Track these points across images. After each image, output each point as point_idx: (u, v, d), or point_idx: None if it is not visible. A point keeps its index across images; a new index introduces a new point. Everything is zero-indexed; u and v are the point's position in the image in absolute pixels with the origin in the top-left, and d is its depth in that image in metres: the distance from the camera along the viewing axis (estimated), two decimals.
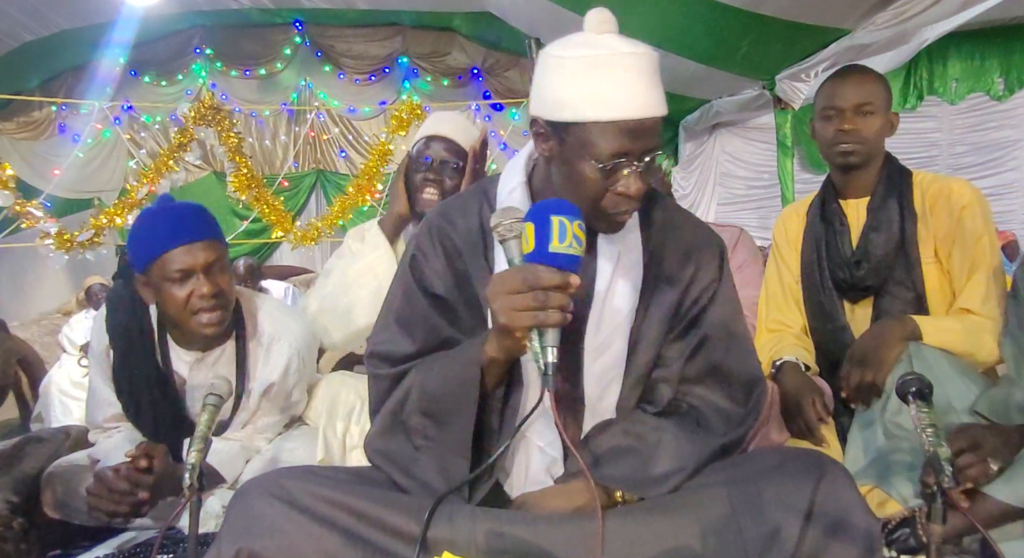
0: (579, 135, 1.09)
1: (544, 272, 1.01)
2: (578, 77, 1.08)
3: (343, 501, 1.07)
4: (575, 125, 1.09)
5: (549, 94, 1.11)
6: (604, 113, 1.07)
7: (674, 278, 1.22)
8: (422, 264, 1.24)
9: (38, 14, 5.81)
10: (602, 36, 1.10)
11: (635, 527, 1.06)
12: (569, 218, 1.03)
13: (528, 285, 1.01)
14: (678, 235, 1.25)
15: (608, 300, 1.18)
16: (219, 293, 1.71)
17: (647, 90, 1.08)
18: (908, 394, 1.21)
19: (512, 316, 1.01)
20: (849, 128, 1.79)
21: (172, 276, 1.68)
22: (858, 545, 1.00)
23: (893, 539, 1.48)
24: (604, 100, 1.07)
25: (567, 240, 1.02)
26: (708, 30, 4.83)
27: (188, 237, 1.69)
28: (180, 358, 1.82)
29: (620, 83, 1.07)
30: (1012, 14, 5.41)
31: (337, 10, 6.79)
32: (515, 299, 1.01)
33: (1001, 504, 1.39)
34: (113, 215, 6.25)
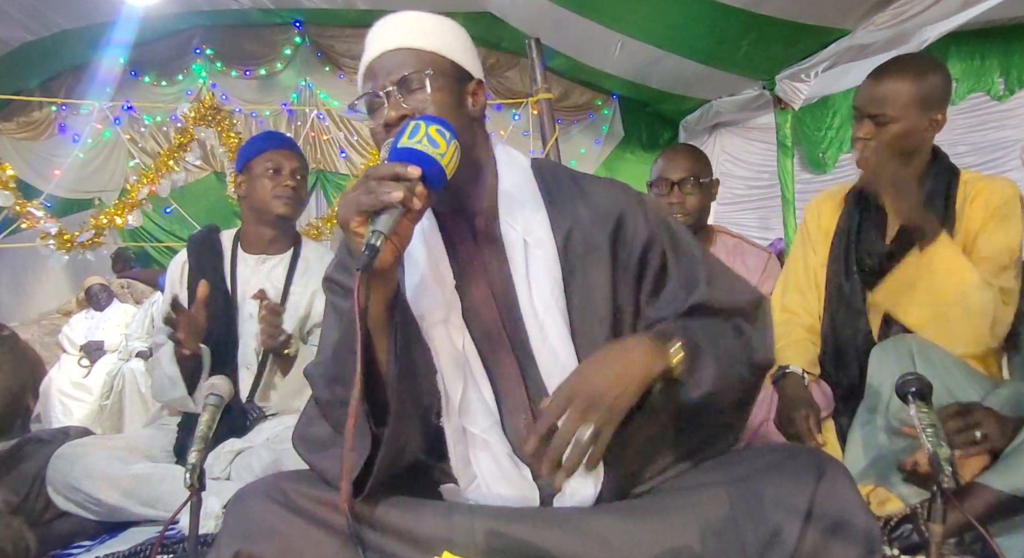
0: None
1: (382, 166, 1.02)
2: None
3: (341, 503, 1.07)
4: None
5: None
6: (359, 75, 1.22)
7: (598, 247, 1.20)
8: (339, 279, 1.25)
9: (38, 14, 5.80)
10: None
11: (634, 527, 1.06)
12: (427, 122, 1.05)
13: (362, 178, 1.02)
14: (589, 202, 1.23)
15: (532, 286, 1.17)
16: (297, 189, 2.24)
17: (385, 36, 1.19)
18: (908, 394, 1.21)
19: (344, 207, 1.02)
20: (860, 135, 1.81)
21: (265, 172, 2.21)
22: (858, 545, 1.00)
23: (895, 536, 1.48)
24: (361, 63, 1.22)
25: (417, 137, 1.03)
26: (708, 30, 4.84)
27: (284, 145, 2.29)
28: (245, 263, 2.28)
29: (366, 43, 1.21)
30: (1012, 14, 5.40)
31: (337, 10, 6.78)
32: (350, 193, 1.02)
33: (1001, 494, 1.39)
34: (113, 215, 6.24)
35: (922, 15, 3.96)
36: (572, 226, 1.21)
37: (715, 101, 6.19)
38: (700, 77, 5.70)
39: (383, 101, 1.16)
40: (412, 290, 1.18)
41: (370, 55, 1.21)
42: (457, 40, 1.24)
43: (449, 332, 1.17)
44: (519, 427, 1.18)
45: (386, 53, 1.18)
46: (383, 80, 1.17)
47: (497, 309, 1.21)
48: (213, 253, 2.27)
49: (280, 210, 2.23)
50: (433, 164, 1.02)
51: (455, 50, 1.21)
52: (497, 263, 1.21)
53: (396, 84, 1.16)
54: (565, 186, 1.25)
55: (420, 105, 1.15)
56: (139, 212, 6.38)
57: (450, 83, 1.18)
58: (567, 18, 5.17)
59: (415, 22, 1.21)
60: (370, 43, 1.22)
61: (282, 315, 2.10)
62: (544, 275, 1.17)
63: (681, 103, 6.67)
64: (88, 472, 1.89)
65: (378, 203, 0.98)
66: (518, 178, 1.24)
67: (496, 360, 1.20)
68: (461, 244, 1.23)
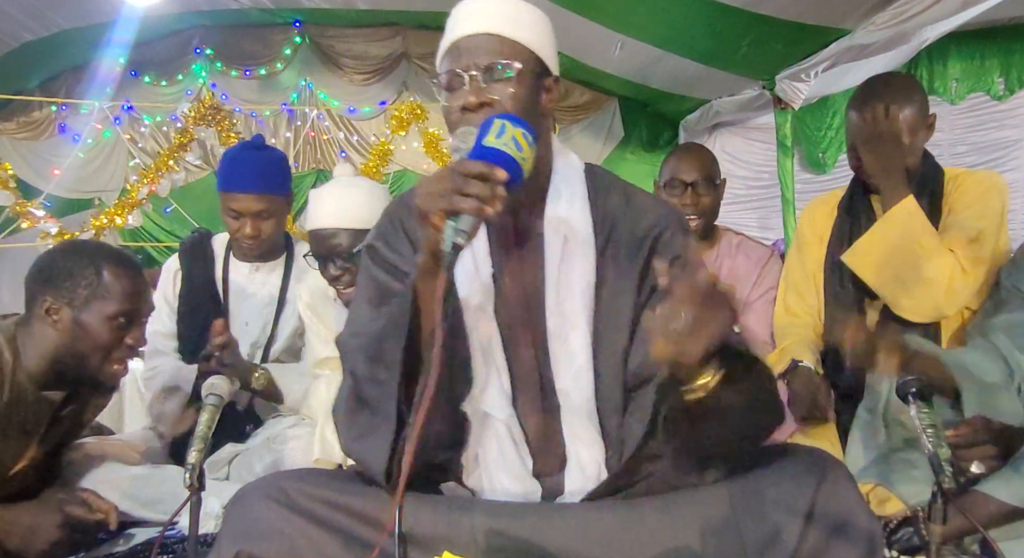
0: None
1: (469, 163, 1.01)
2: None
3: (342, 503, 1.07)
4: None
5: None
6: (442, 45, 1.20)
7: (633, 259, 1.20)
8: (381, 250, 1.25)
9: (38, 14, 5.80)
10: None
11: (635, 527, 1.06)
12: (513, 123, 1.05)
13: (449, 170, 1.02)
14: (635, 215, 1.24)
15: (561, 285, 1.17)
16: (257, 236, 2.13)
17: (479, 15, 1.17)
18: (908, 394, 1.21)
19: (426, 197, 1.01)
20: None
21: (228, 212, 2.12)
22: (859, 546, 1.00)
23: (895, 539, 1.48)
24: (445, 35, 1.21)
25: (503, 138, 1.03)
26: (708, 30, 4.83)
27: (250, 187, 2.09)
28: (238, 270, 2.25)
29: (454, 18, 1.20)
30: (1012, 14, 5.40)
31: (337, 10, 6.78)
32: (433, 183, 1.02)
33: (1002, 504, 1.40)
34: (113, 215, 6.24)
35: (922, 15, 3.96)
36: (613, 233, 1.22)
37: (715, 101, 6.18)
38: (700, 77, 5.69)
39: (464, 82, 1.16)
40: (455, 276, 1.17)
41: (459, 32, 1.19)
42: (545, 34, 1.23)
43: (480, 321, 1.18)
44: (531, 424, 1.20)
45: (477, 35, 1.17)
46: (468, 61, 1.16)
47: (526, 303, 1.22)
48: (205, 260, 2.24)
49: (240, 253, 2.21)
50: (515, 168, 1.03)
51: (542, 45, 1.21)
52: (532, 258, 1.22)
53: (482, 69, 1.15)
54: (614, 194, 1.26)
55: (501, 95, 1.15)
56: (139, 212, 6.38)
57: (532, 78, 1.18)
58: (567, 18, 5.16)
59: (510, 9, 1.20)
60: (460, 19, 1.20)
61: (236, 348, 2.00)
62: (577, 277, 1.18)
63: (681, 103, 6.66)
64: (88, 475, 1.88)
65: (466, 208, 0.98)
66: (570, 178, 1.25)
67: (516, 354, 1.21)
68: (502, 235, 1.24)
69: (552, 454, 1.20)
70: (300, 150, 7.32)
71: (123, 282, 1.62)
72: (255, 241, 2.14)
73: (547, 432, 1.21)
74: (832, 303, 1.93)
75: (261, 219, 2.12)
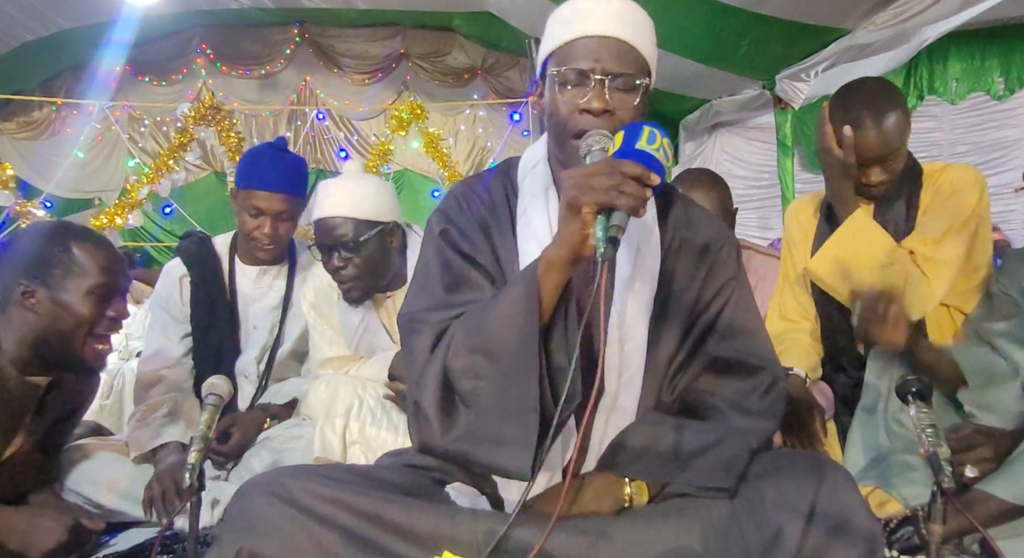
0: (551, 66, 1.17)
1: (630, 163, 1.00)
2: (556, 20, 1.19)
3: (344, 500, 1.07)
4: (549, 59, 1.18)
5: (541, 48, 1.21)
6: (565, 34, 1.16)
7: (691, 273, 1.22)
8: (455, 236, 1.23)
9: (38, 14, 5.80)
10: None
11: (637, 528, 1.06)
12: (661, 133, 1.05)
13: (607, 167, 1.00)
14: (695, 230, 1.25)
15: (628, 290, 1.18)
16: (275, 237, 2.12)
17: (609, 16, 1.14)
18: (908, 394, 1.21)
19: (583, 189, 0.99)
20: (878, 180, 1.77)
21: (249, 209, 2.10)
22: (859, 547, 1.00)
23: (895, 539, 1.48)
24: (568, 23, 1.16)
25: (655, 145, 1.03)
26: (708, 30, 4.83)
27: (276, 187, 2.09)
28: (244, 274, 2.21)
29: (582, 9, 1.16)
30: (1012, 14, 5.40)
31: (337, 10, 6.78)
32: (590, 177, 1.00)
33: (1002, 502, 1.40)
34: (113, 215, 6.25)
35: (922, 15, 3.96)
36: (675, 243, 1.23)
37: (715, 101, 6.19)
38: (700, 77, 5.69)
39: (588, 84, 1.14)
40: (529, 260, 1.15)
41: (591, 30, 1.15)
42: (655, 48, 1.23)
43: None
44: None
45: (614, 39, 1.14)
46: (596, 64, 1.14)
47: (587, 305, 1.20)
48: (212, 265, 2.21)
49: (256, 254, 2.17)
50: (663, 176, 1.03)
51: (654, 59, 1.21)
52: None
53: (611, 75, 1.14)
54: (676, 207, 1.27)
55: (624, 106, 1.14)
56: (139, 212, 6.39)
57: (646, 92, 1.19)
58: None
59: (635, 16, 1.19)
60: (586, 15, 1.17)
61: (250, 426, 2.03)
62: (645, 285, 1.19)
63: (681, 103, 6.66)
64: (86, 476, 1.89)
65: (623, 205, 0.97)
66: None
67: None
68: None
69: (584, 450, 1.20)
70: (300, 150, 7.33)
71: (96, 256, 1.61)
72: (272, 241, 2.12)
73: (585, 430, 1.18)
74: (824, 304, 1.93)
75: (281, 220, 2.12)
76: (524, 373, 1.05)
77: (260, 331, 2.19)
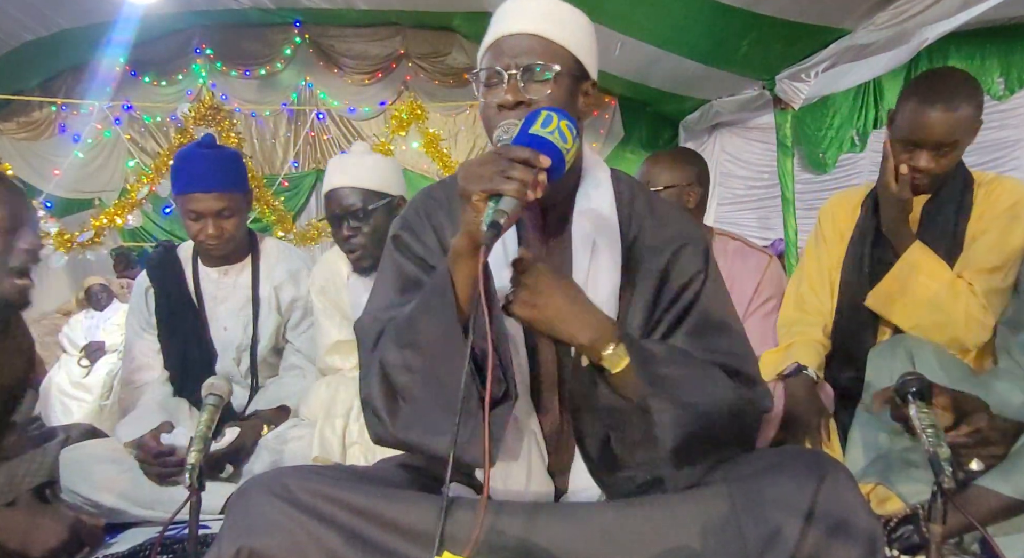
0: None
1: (515, 147, 1.03)
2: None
3: (344, 499, 1.07)
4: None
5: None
6: (486, 41, 1.22)
7: (653, 267, 1.23)
8: (407, 240, 1.26)
9: (38, 14, 5.80)
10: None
11: (635, 525, 1.06)
12: (560, 115, 1.06)
13: (494, 154, 1.03)
14: (658, 224, 1.26)
15: (589, 287, 1.18)
16: (221, 236, 2.06)
17: (522, 15, 1.18)
18: (908, 394, 1.21)
19: (470, 178, 1.02)
20: (925, 167, 1.76)
21: (188, 214, 2.05)
22: (859, 546, 1.00)
23: (895, 537, 1.48)
24: (490, 29, 1.22)
25: (550, 128, 1.04)
26: (708, 30, 4.83)
27: (207, 186, 2.02)
28: (208, 277, 2.20)
29: (499, 13, 1.21)
30: (1012, 14, 5.40)
31: (337, 10, 6.78)
32: (478, 166, 1.03)
33: (1002, 498, 1.39)
34: (113, 215, 6.25)
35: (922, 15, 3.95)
36: (638, 239, 1.24)
37: (715, 101, 6.18)
38: (700, 77, 5.69)
39: (503, 81, 1.17)
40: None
41: (502, 31, 1.20)
42: (587, 37, 1.24)
43: (506, 316, 1.18)
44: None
45: (520, 34, 1.18)
46: (509, 60, 1.17)
47: None
48: (173, 273, 2.20)
49: (210, 255, 2.15)
50: (559, 158, 1.04)
51: (582, 48, 1.22)
52: (560, 256, 1.24)
53: (521, 69, 1.17)
54: (640, 202, 1.28)
55: (538, 95, 1.16)
56: (139, 212, 6.39)
57: (570, 81, 1.20)
58: None
59: (554, 10, 1.21)
60: (504, 17, 1.21)
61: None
62: (605, 279, 1.20)
63: (681, 103, 6.66)
64: (86, 477, 1.89)
65: (508, 189, 0.99)
66: (599, 183, 1.27)
67: (538, 351, 1.23)
68: (530, 230, 1.26)
69: (563, 452, 1.22)
70: (300, 150, 7.33)
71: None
72: (219, 241, 2.07)
73: (561, 430, 1.22)
74: (847, 301, 1.93)
75: (222, 218, 2.06)
76: (449, 363, 1.06)
77: (232, 332, 2.17)
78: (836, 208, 2.03)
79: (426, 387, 1.10)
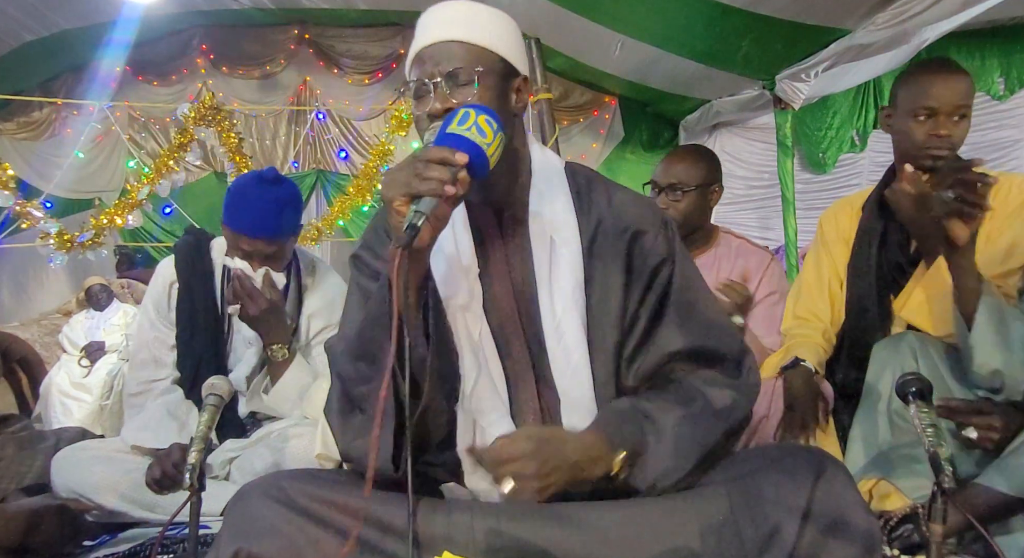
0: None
1: (430, 149, 1.05)
2: None
3: (341, 502, 1.07)
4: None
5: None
6: (411, 54, 1.24)
7: (617, 254, 1.23)
8: (366, 259, 1.27)
9: (38, 14, 5.80)
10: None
11: (633, 526, 1.06)
12: (477, 111, 1.07)
13: (409, 159, 1.05)
14: (617, 211, 1.26)
15: (553, 284, 1.19)
16: (271, 283, 1.98)
17: (440, 23, 1.20)
18: (908, 394, 1.21)
19: (388, 184, 1.05)
20: (945, 134, 1.75)
21: (236, 250, 1.98)
22: (857, 544, 1.00)
23: (895, 536, 1.48)
24: (413, 42, 1.23)
25: (466, 125, 1.06)
26: (708, 30, 4.83)
27: (261, 233, 1.96)
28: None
29: (419, 26, 1.23)
30: (1012, 14, 5.40)
31: (337, 10, 6.78)
32: (395, 172, 1.06)
33: (1002, 495, 1.39)
34: (113, 215, 6.24)
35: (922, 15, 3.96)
36: (597, 230, 1.24)
37: (715, 101, 6.18)
38: (700, 77, 5.69)
39: (430, 90, 1.18)
40: (438, 275, 1.19)
41: (422, 42, 1.22)
42: (509, 35, 1.24)
43: (468, 320, 1.20)
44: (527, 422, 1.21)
45: (439, 43, 1.19)
46: (432, 69, 1.18)
47: (515, 302, 1.24)
48: (203, 272, 2.08)
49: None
50: (479, 153, 1.05)
51: (506, 46, 1.22)
52: (520, 257, 1.24)
53: (445, 76, 1.17)
54: (596, 191, 1.28)
55: (466, 100, 1.16)
56: (139, 212, 6.38)
57: (498, 80, 1.20)
58: (567, 18, 5.16)
59: (471, 15, 1.22)
60: (423, 29, 1.23)
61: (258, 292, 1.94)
62: (567, 274, 1.20)
63: (681, 103, 6.66)
64: (86, 478, 1.88)
65: (425, 190, 1.01)
66: (551, 177, 1.27)
67: (509, 352, 1.23)
68: (487, 235, 1.26)
69: None
70: (300, 150, 7.33)
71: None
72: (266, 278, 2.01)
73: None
74: (856, 302, 1.93)
75: (272, 259, 2.01)
76: (378, 373, 1.07)
77: (256, 347, 2.07)
78: (838, 212, 2.04)
79: (373, 398, 1.09)
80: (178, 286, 2.08)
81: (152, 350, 2.08)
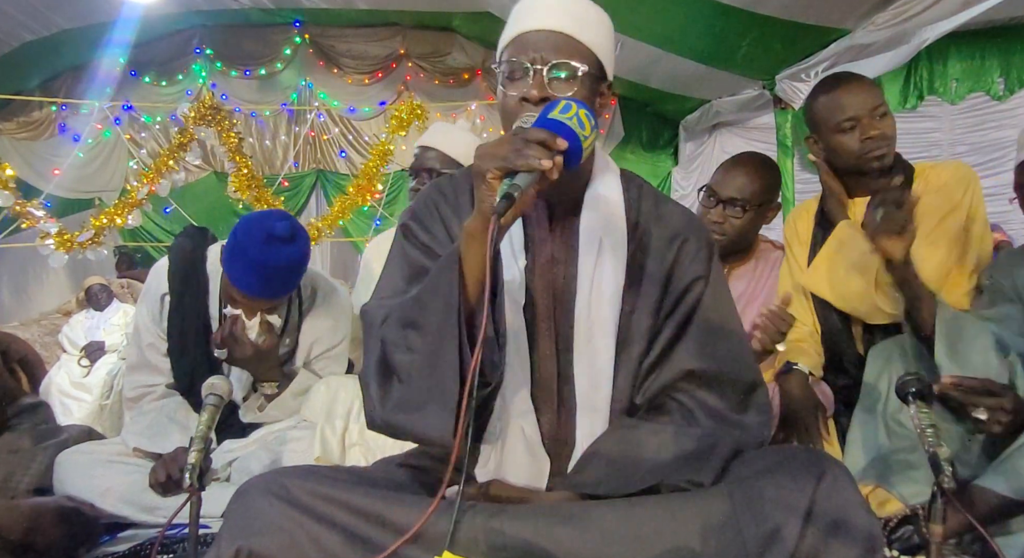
0: (499, 64, 1.21)
1: (532, 129, 1.04)
2: (508, 22, 1.23)
3: (343, 499, 1.07)
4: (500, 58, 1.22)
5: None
6: (509, 33, 1.21)
7: (658, 267, 1.23)
8: (416, 230, 1.26)
9: (38, 14, 5.80)
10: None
11: (635, 526, 1.05)
12: (579, 105, 1.07)
13: (510, 136, 1.04)
14: (664, 224, 1.26)
15: (594, 286, 1.19)
16: (268, 328, 1.93)
17: (549, 11, 1.18)
18: (908, 394, 1.21)
19: (486, 158, 1.04)
20: (876, 133, 1.80)
21: (232, 301, 1.91)
22: (858, 545, 1.00)
23: (895, 538, 1.48)
24: (513, 22, 1.21)
25: (569, 114, 1.05)
26: (708, 30, 4.84)
27: (260, 294, 1.89)
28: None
29: (526, 7, 1.20)
30: (1012, 14, 5.41)
31: (337, 10, 6.78)
32: (495, 147, 1.04)
33: (1001, 497, 1.40)
34: (113, 215, 6.24)
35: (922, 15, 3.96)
36: (644, 239, 1.24)
37: (715, 101, 6.19)
38: (700, 77, 5.70)
39: (528, 75, 1.17)
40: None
41: (528, 25, 1.19)
42: (608, 41, 1.24)
43: (510, 313, 1.19)
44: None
45: (549, 31, 1.18)
46: (535, 55, 1.17)
47: (552, 299, 1.23)
48: (196, 286, 1.99)
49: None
50: (577, 143, 1.05)
51: (606, 52, 1.22)
52: (565, 255, 1.24)
53: (548, 65, 1.17)
54: (646, 201, 1.29)
55: (561, 94, 1.15)
56: (139, 212, 6.38)
57: (592, 82, 1.20)
58: None
59: (581, 10, 1.21)
60: (530, 12, 1.20)
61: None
62: (610, 278, 1.20)
63: (681, 103, 6.67)
64: (85, 480, 1.87)
65: (522, 165, 1.00)
66: (609, 182, 1.27)
67: (538, 349, 1.23)
68: (537, 229, 1.26)
69: (562, 453, 1.21)
70: (300, 150, 7.33)
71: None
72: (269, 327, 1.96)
73: (560, 430, 1.22)
74: (821, 306, 1.94)
75: (267, 312, 1.96)
76: (447, 343, 1.07)
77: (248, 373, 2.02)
78: (796, 217, 2.07)
79: (421, 368, 1.10)
80: (170, 300, 2.01)
81: (147, 355, 2.06)
